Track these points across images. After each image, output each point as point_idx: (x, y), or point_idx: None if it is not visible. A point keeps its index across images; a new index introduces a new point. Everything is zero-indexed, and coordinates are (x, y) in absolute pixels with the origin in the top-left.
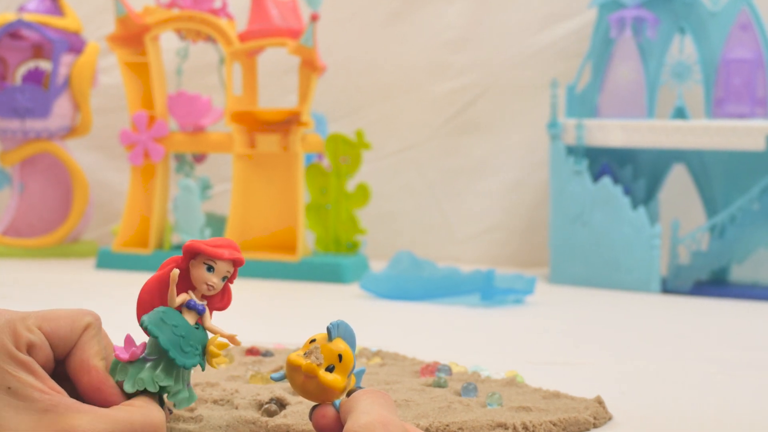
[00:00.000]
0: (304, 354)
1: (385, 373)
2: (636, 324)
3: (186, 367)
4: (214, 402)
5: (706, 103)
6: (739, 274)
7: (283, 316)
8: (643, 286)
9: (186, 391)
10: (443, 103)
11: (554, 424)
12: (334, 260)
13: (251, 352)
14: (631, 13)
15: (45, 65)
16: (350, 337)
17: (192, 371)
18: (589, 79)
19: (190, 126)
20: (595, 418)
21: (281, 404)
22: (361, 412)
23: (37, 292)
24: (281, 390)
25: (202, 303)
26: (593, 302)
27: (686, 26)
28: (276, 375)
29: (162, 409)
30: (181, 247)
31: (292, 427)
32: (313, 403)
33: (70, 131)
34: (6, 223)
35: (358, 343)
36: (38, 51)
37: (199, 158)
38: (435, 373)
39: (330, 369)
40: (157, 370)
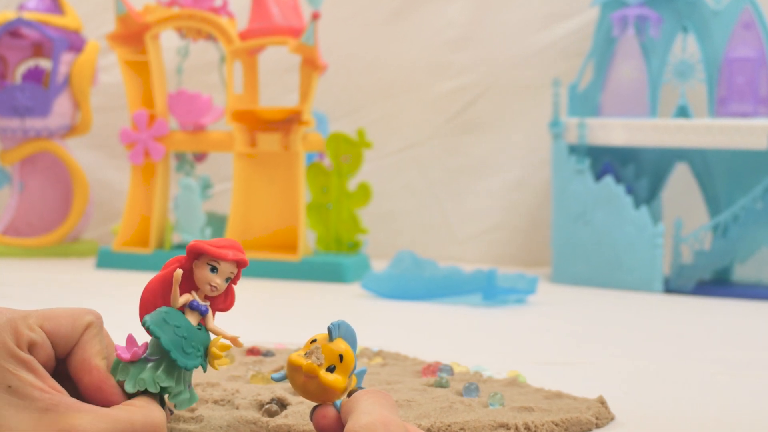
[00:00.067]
0: (305, 354)
1: (387, 373)
2: (638, 324)
3: (187, 369)
4: (215, 402)
5: (709, 101)
6: (742, 273)
7: (284, 316)
8: (646, 286)
9: (187, 392)
10: (445, 102)
11: (556, 425)
12: (335, 260)
13: (252, 352)
14: (634, 12)
15: (45, 64)
16: (351, 337)
17: (193, 372)
18: (591, 77)
19: (191, 125)
20: (597, 419)
21: (282, 404)
22: (362, 413)
23: (37, 292)
24: (282, 390)
25: (205, 304)
26: (595, 302)
27: (689, 25)
28: (277, 375)
29: (163, 409)
30: (182, 246)
31: (293, 428)
32: (314, 404)
33: (70, 130)
34: (6, 223)
35: (360, 343)
36: (38, 49)
37: (200, 157)
38: (436, 373)
39: (331, 369)
40: (159, 371)
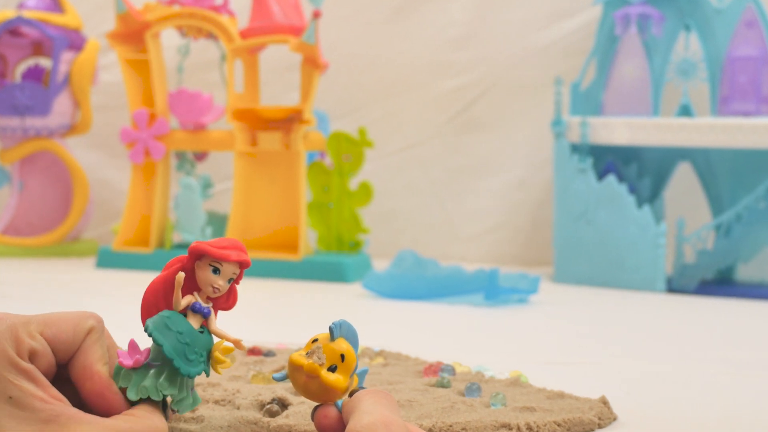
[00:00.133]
0: (306, 354)
1: (388, 373)
2: (641, 324)
3: (190, 376)
4: (216, 402)
5: (711, 100)
6: (745, 273)
7: (285, 316)
8: (648, 286)
9: (190, 397)
10: (446, 100)
11: (558, 425)
12: (337, 259)
13: (253, 352)
14: (636, 10)
15: (45, 62)
16: (353, 337)
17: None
18: (593, 76)
19: (191, 124)
20: (599, 419)
21: (283, 404)
22: (364, 413)
23: (37, 292)
24: (283, 390)
25: (208, 306)
26: (598, 301)
27: (691, 23)
28: (278, 375)
29: (165, 414)
30: (183, 246)
31: (294, 428)
32: (315, 404)
33: (70, 129)
34: (5, 222)
35: (361, 343)
36: (38, 48)
37: (200, 156)
38: (438, 373)
39: (332, 369)
40: (161, 379)
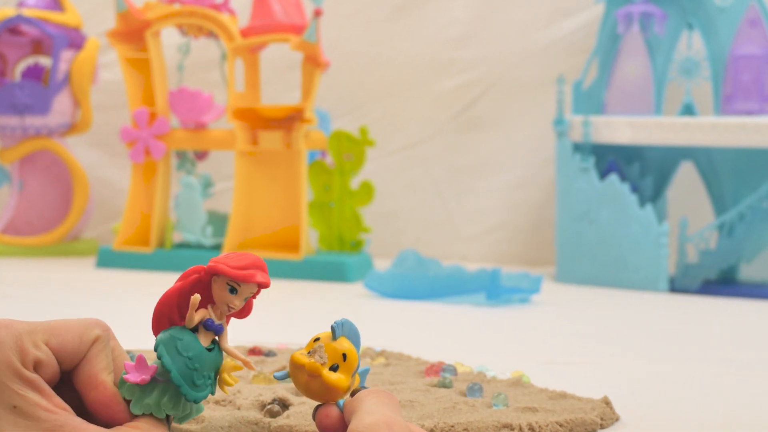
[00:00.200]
0: (308, 353)
1: (390, 373)
2: (643, 323)
3: (196, 402)
4: (216, 403)
5: (714, 99)
6: (748, 273)
7: (286, 316)
8: (651, 285)
9: (193, 412)
10: (448, 99)
11: (561, 425)
12: (338, 259)
13: (254, 351)
14: (639, 9)
15: (45, 61)
16: (355, 336)
17: None
18: (595, 75)
19: (192, 123)
20: (602, 419)
21: (284, 405)
22: (366, 412)
23: (37, 291)
24: (284, 390)
25: (220, 323)
26: (600, 301)
27: (694, 22)
28: (279, 374)
29: (168, 426)
30: (183, 245)
31: (295, 428)
32: (317, 403)
33: (70, 128)
34: (5, 222)
35: (362, 342)
36: (38, 47)
37: (201, 155)
38: (440, 373)
39: (334, 368)
40: (165, 398)
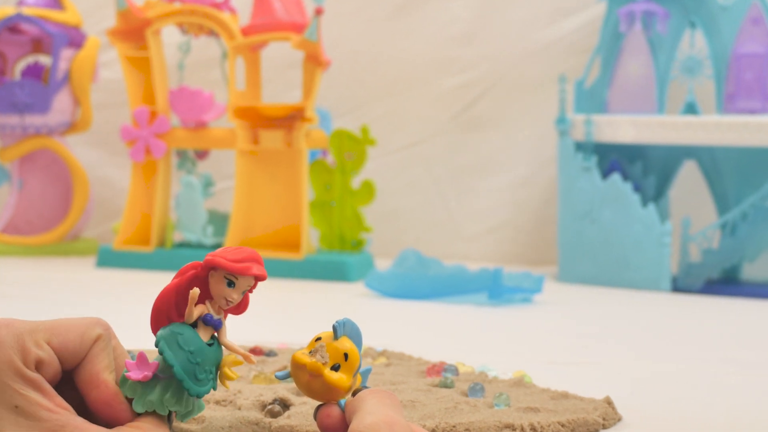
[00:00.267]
0: (310, 352)
1: (391, 373)
2: (646, 323)
3: (199, 396)
4: (217, 403)
5: (717, 98)
6: (750, 272)
7: (287, 315)
8: (653, 285)
9: (195, 410)
10: (450, 98)
11: (563, 425)
12: (339, 258)
13: (254, 351)
14: (641, 7)
15: (45, 60)
16: (356, 336)
17: None
18: (598, 74)
19: (192, 122)
20: (604, 419)
21: (285, 405)
22: (367, 412)
23: (37, 291)
24: (285, 390)
25: (219, 317)
26: (602, 301)
27: (697, 20)
28: (280, 374)
29: (170, 425)
30: (183, 245)
31: (296, 428)
32: (318, 403)
33: (70, 127)
34: (5, 221)
35: (364, 342)
36: (38, 45)
37: (202, 154)
38: (441, 373)
39: (335, 368)
40: (167, 394)
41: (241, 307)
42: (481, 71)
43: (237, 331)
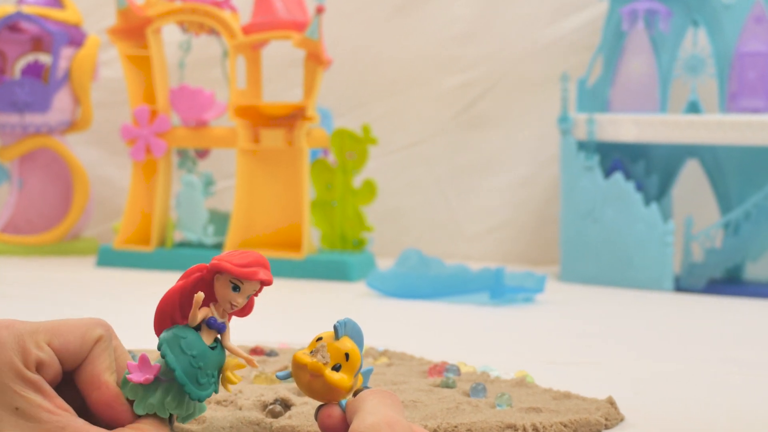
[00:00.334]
0: (311, 352)
1: (392, 373)
2: (648, 323)
3: (200, 400)
4: (218, 403)
5: (720, 97)
6: (753, 272)
7: (288, 315)
8: (656, 285)
9: (196, 412)
10: (451, 97)
11: (565, 426)
12: (340, 258)
13: (255, 351)
14: (644, 6)
15: (45, 58)
16: (358, 336)
17: None
18: (600, 72)
19: (193, 120)
20: (606, 419)
21: (286, 405)
22: (368, 413)
23: (37, 291)
24: (286, 390)
25: (223, 321)
26: (605, 301)
27: (699, 19)
28: (281, 373)
29: (171, 426)
30: (184, 244)
31: (297, 429)
32: (319, 403)
33: (70, 126)
34: (5, 220)
35: (365, 342)
36: (38, 44)
37: (202, 153)
38: (443, 374)
39: (336, 368)
40: (168, 397)
41: (245, 310)
42: (483, 70)
43: (238, 330)
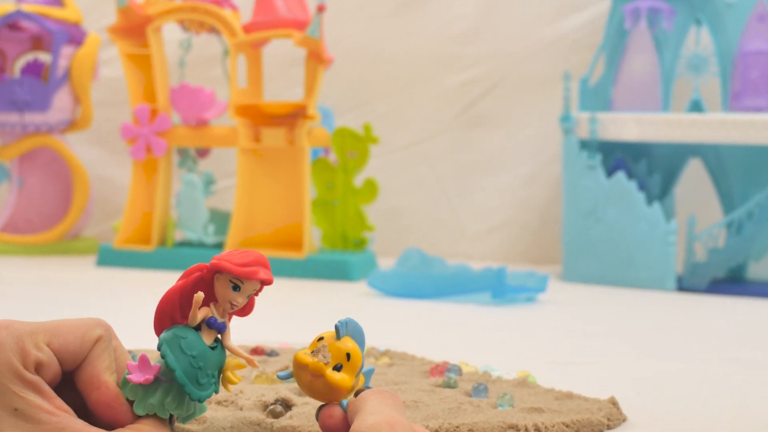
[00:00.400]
0: (312, 352)
1: (394, 373)
2: (651, 323)
3: (200, 401)
4: (218, 403)
5: (722, 96)
6: (756, 271)
7: (289, 315)
8: (659, 284)
9: (197, 412)
10: (453, 96)
11: (567, 426)
12: (341, 257)
13: (256, 351)
14: (646, 4)
15: (44, 57)
16: (359, 336)
17: None
18: (602, 71)
19: (194, 119)
20: (609, 420)
21: (287, 405)
22: (369, 413)
23: (37, 291)
24: (287, 390)
25: (223, 321)
26: (607, 300)
27: (702, 17)
28: (282, 373)
29: (172, 427)
30: (184, 244)
31: (298, 429)
32: (320, 403)
33: (70, 125)
34: (4, 219)
35: (366, 342)
36: (37, 42)
37: (203, 153)
38: (445, 374)
39: (338, 368)
40: (169, 398)
41: (246, 310)
42: (485, 69)
43: (239, 330)
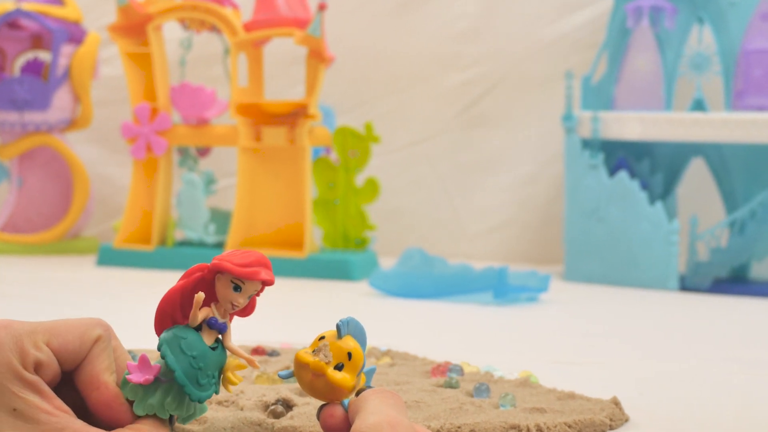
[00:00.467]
0: (313, 351)
1: (395, 373)
2: (653, 323)
3: (200, 401)
4: (219, 403)
5: (725, 95)
6: (759, 271)
7: (290, 315)
8: (661, 284)
9: (197, 413)
10: (455, 95)
11: (569, 426)
12: (343, 257)
13: (257, 351)
14: (649, 3)
15: (44, 56)
16: (360, 335)
17: None
18: (605, 70)
19: (194, 118)
20: (611, 420)
21: (288, 405)
22: (370, 413)
23: (37, 290)
24: (287, 391)
25: (224, 321)
26: (609, 300)
27: (705, 16)
28: (283, 373)
29: (172, 427)
30: (185, 243)
31: (299, 429)
32: (321, 403)
33: (70, 124)
34: (4, 219)
35: (367, 341)
36: (37, 41)
37: (203, 152)
38: (446, 374)
39: (339, 367)
40: (169, 398)
41: (247, 310)
42: (486, 68)
43: (239, 330)
